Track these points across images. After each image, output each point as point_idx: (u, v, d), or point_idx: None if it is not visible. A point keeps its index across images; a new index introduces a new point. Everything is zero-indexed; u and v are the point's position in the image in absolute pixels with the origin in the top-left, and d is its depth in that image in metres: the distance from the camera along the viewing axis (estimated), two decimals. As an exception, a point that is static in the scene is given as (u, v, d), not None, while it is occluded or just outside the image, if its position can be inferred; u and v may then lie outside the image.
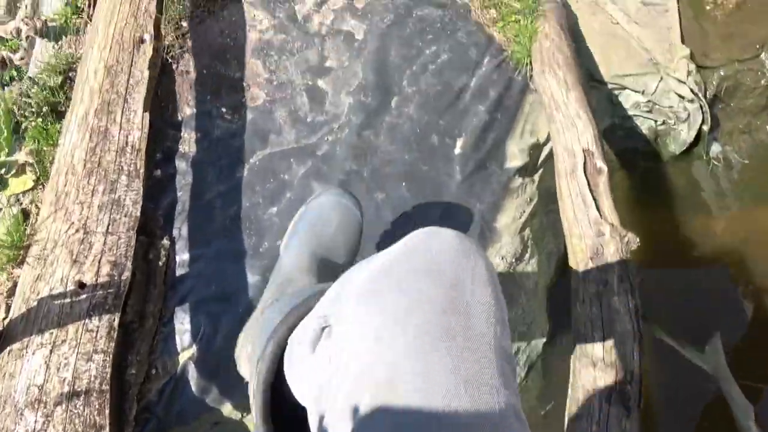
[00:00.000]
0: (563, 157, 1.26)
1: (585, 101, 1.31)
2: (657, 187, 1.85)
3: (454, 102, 1.40)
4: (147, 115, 1.24)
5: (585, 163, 1.23)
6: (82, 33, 1.46)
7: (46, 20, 1.46)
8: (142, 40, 1.34)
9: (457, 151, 1.35)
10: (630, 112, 1.75)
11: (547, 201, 1.52)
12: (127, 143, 1.20)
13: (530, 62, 1.49)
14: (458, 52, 1.45)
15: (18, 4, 1.70)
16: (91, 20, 1.45)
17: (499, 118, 1.42)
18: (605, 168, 1.23)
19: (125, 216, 1.13)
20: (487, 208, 1.31)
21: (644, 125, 1.80)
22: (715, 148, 1.85)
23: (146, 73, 1.29)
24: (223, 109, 1.33)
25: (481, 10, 1.58)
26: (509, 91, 1.46)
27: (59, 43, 1.47)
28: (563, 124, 1.29)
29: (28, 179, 1.24)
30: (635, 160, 1.84)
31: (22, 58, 1.48)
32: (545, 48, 1.43)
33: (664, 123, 1.78)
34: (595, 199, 1.19)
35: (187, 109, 1.33)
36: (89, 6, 1.48)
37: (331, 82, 1.38)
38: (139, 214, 1.14)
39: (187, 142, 1.29)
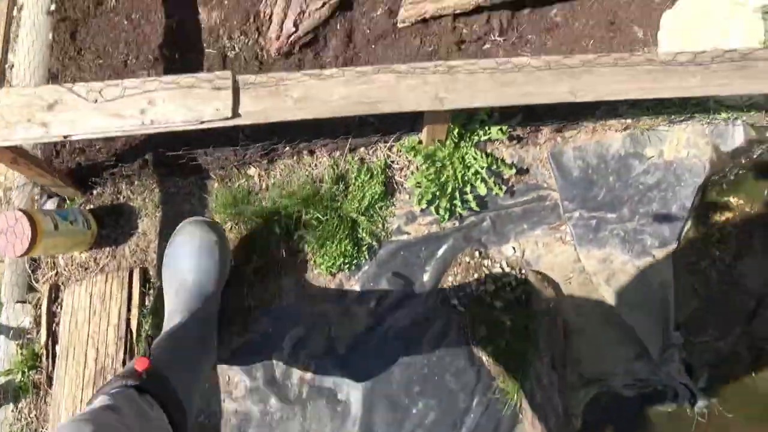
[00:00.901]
0: None
1: None
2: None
3: (441, 476, 1.36)
4: None
5: None
6: (42, 400, 1.34)
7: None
8: (109, 443, 1.25)
9: None
10: (615, 390, 1.73)
11: None
12: None
13: (520, 401, 1.44)
14: (446, 404, 1.39)
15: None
16: (50, 386, 1.33)
17: (486, 475, 1.39)
18: None
19: None
20: None
21: (630, 391, 1.78)
22: (701, 404, 1.85)
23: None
24: None
25: (472, 327, 1.49)
26: (497, 438, 1.43)
27: (18, 406, 1.36)
28: None
29: None
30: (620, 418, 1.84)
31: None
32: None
33: (651, 389, 1.78)
34: None
35: None
36: (47, 357, 1.36)
37: (314, 469, 1.32)
38: None
39: None
